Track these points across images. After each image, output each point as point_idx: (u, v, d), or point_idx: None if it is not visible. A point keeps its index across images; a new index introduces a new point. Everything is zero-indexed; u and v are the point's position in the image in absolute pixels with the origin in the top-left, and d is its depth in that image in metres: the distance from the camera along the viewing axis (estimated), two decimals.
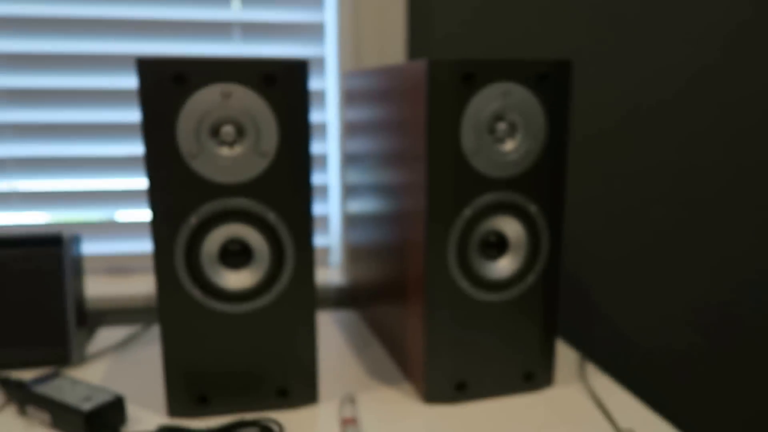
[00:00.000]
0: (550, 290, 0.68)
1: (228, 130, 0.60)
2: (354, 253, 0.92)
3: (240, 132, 0.60)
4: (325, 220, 1.04)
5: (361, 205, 0.86)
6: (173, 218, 0.60)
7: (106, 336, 0.85)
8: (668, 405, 1.19)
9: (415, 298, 0.67)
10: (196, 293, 0.61)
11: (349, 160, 0.91)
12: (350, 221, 0.93)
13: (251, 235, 0.62)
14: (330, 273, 1.04)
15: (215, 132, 0.60)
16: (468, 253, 0.65)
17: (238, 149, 0.60)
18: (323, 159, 1.02)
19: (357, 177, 0.87)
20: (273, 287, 0.63)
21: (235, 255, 0.62)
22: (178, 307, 0.62)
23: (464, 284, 0.65)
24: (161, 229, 0.60)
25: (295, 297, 0.63)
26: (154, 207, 0.60)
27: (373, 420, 0.64)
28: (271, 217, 0.62)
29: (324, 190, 1.03)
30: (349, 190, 0.92)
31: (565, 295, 1.11)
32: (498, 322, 0.67)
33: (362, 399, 0.68)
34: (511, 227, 0.66)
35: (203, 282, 0.62)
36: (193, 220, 0.60)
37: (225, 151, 0.60)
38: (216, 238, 0.62)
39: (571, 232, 1.09)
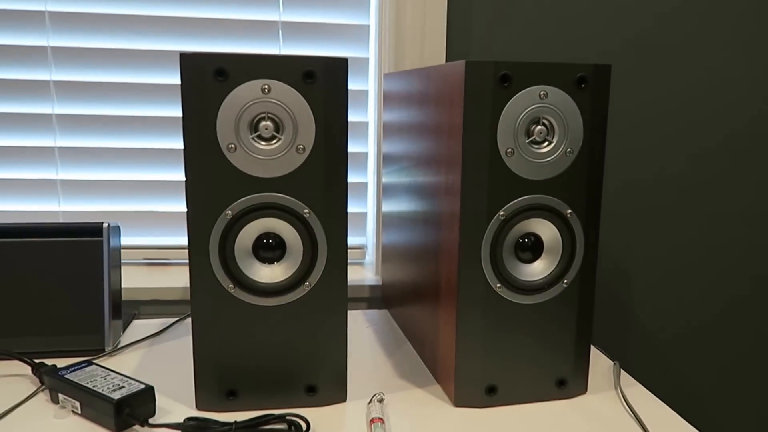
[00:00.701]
0: (585, 295, 0.67)
1: (267, 124, 0.60)
2: (388, 253, 0.92)
3: (278, 127, 0.61)
4: (362, 218, 1.05)
5: (397, 205, 0.86)
6: (209, 210, 0.61)
7: (142, 326, 0.86)
8: (702, 419, 1.16)
9: (447, 299, 0.67)
10: (229, 286, 0.62)
11: (386, 160, 0.91)
12: (386, 221, 0.93)
13: (285, 230, 0.62)
14: (365, 272, 1.04)
15: (254, 127, 0.61)
16: (502, 255, 0.64)
17: (276, 144, 0.61)
18: (364, 157, 1.03)
19: (394, 177, 0.87)
20: (305, 283, 0.63)
21: (269, 249, 0.63)
22: (211, 299, 0.62)
23: (497, 286, 0.64)
24: (197, 220, 0.61)
25: (326, 293, 0.63)
26: (192, 199, 0.61)
27: (401, 421, 0.63)
28: (306, 212, 0.62)
29: (363, 188, 1.04)
30: (385, 190, 0.92)
31: (599, 302, 1.09)
32: (531, 326, 0.66)
33: (391, 400, 0.68)
34: (546, 230, 0.65)
35: (236, 275, 0.62)
36: (229, 212, 0.61)
37: (263, 145, 0.61)
38: (250, 232, 0.62)
39: (606, 238, 1.07)
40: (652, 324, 1.10)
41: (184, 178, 0.99)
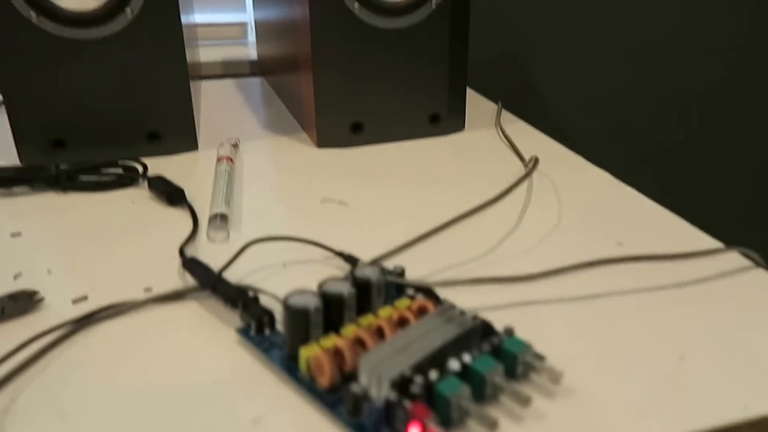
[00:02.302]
0: (458, 20, 0.59)
1: None
2: (262, 26, 0.82)
3: None
4: None
5: None
6: None
7: None
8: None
9: (303, 32, 0.58)
10: (30, 14, 0.52)
11: None
12: None
13: None
14: (247, 50, 0.95)
15: None
16: None
17: None
18: None
19: None
20: (126, 9, 0.53)
21: None
22: (11, 31, 0.52)
23: (356, 7, 0.56)
24: None
25: (155, 23, 0.54)
26: None
27: (256, 162, 0.57)
28: None
29: None
30: None
31: (481, 44, 1.02)
32: (398, 55, 0.59)
33: (248, 146, 0.61)
34: None
35: (37, 1, 0.52)
36: None
37: None
38: None
39: None
40: (539, 66, 1.06)
41: None
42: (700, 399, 0.30)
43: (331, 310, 0.32)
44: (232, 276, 0.39)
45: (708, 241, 0.44)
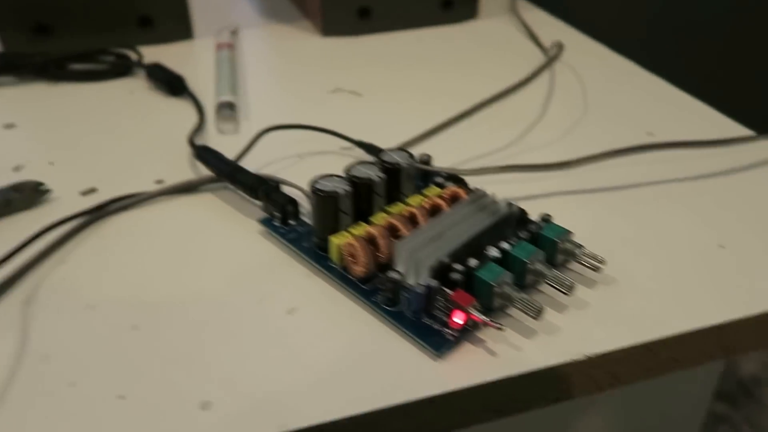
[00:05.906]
0: None
1: None
2: None
3: None
4: None
5: None
6: None
7: None
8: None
9: None
10: None
11: None
12: None
13: None
14: None
15: None
16: None
17: None
18: None
19: None
20: None
21: None
22: None
23: None
24: None
25: None
26: None
27: (258, 51, 0.54)
28: None
29: None
30: None
31: None
32: None
33: (249, 35, 0.57)
34: None
35: None
36: None
37: None
38: None
39: None
40: None
41: None
42: (744, 286, 0.29)
43: (360, 197, 0.30)
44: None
45: (742, 130, 0.42)
